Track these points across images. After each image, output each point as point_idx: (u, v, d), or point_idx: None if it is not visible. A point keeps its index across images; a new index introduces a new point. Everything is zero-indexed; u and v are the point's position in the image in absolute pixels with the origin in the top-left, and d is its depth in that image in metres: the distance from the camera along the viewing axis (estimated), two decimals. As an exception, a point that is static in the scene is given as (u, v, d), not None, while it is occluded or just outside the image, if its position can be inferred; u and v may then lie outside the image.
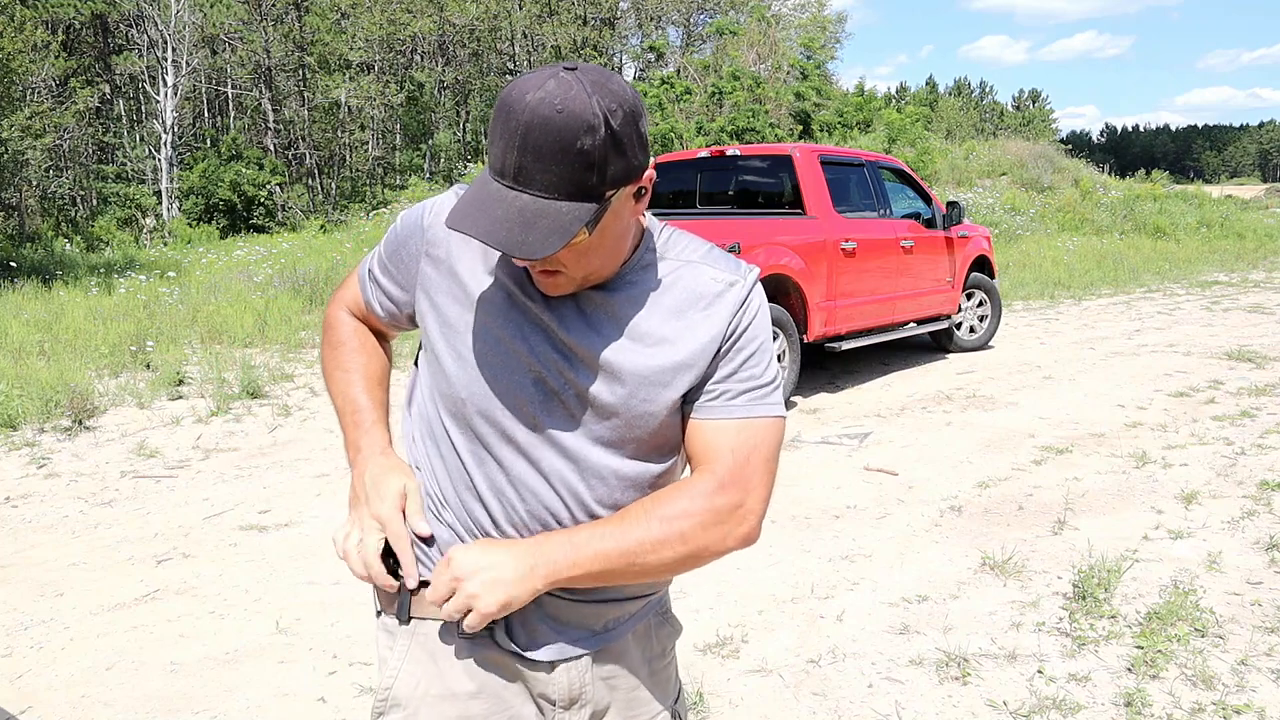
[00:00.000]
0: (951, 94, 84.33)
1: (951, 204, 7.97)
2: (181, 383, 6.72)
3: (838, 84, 32.03)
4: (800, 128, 23.02)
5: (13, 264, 13.10)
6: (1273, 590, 3.30)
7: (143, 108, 32.66)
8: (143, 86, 30.64)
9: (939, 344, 8.53)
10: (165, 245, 20.61)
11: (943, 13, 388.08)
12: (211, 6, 30.59)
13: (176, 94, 28.02)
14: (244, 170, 28.02)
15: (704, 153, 7.47)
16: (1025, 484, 4.59)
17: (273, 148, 32.61)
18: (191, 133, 32.43)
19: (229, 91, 34.32)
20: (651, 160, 1.03)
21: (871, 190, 7.29)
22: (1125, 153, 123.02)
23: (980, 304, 8.55)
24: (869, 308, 7.05)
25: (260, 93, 33.23)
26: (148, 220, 23.85)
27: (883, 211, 7.30)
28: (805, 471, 4.89)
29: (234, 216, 27.58)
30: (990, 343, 8.67)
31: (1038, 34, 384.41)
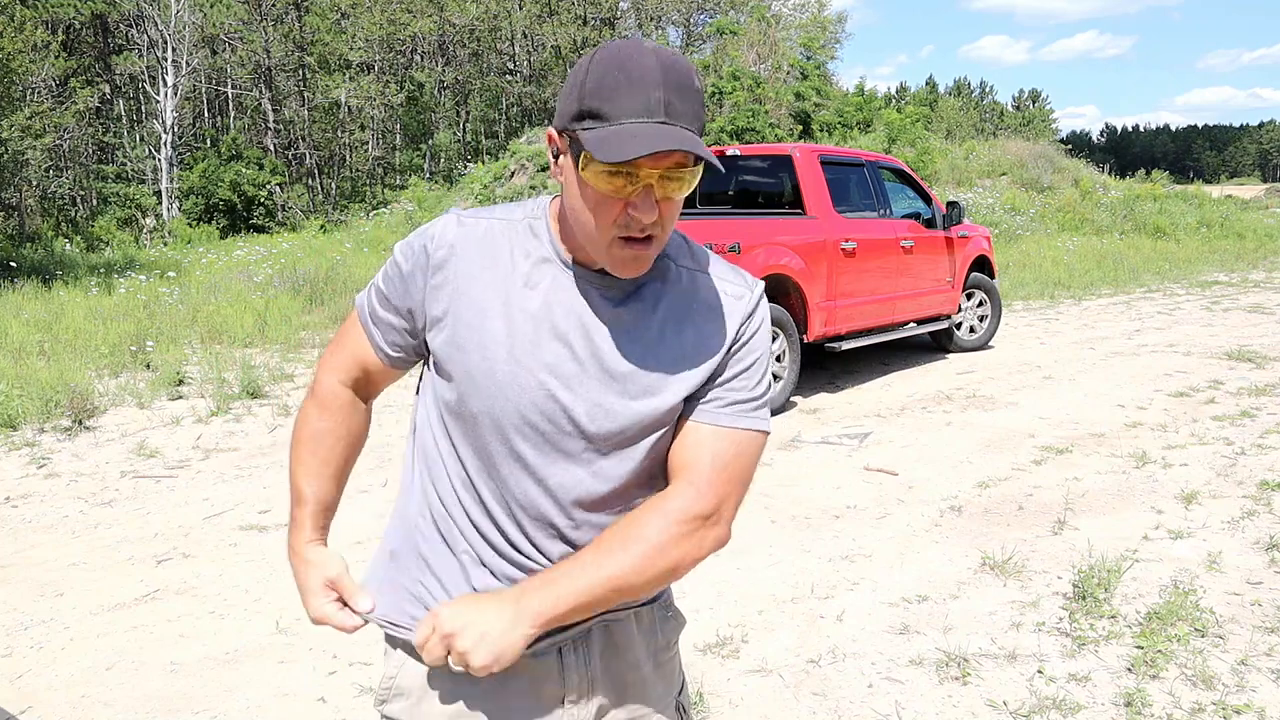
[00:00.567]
0: (951, 94, 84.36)
1: (951, 204, 7.97)
2: (181, 383, 6.72)
3: (838, 84, 32.02)
4: (800, 128, 23.02)
5: (13, 264, 13.11)
6: (1273, 590, 3.30)
7: (143, 108, 32.68)
8: (143, 86, 30.66)
9: (939, 344, 8.53)
10: (165, 245, 20.62)
11: (943, 13, 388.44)
12: (211, 6, 30.61)
13: (176, 94, 28.04)
14: (244, 170, 28.03)
15: None
16: (1025, 484, 4.59)
17: (273, 148, 32.63)
18: (191, 133, 32.45)
19: (229, 91, 34.34)
20: None
21: (871, 190, 7.29)
22: (1125, 153, 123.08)
23: (980, 304, 8.55)
24: (869, 308, 7.05)
25: (260, 93, 33.25)
26: (148, 220, 23.87)
27: (883, 211, 7.30)
28: (805, 471, 4.89)
29: (234, 216, 27.59)
30: (990, 343, 8.67)
31: (1038, 34, 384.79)
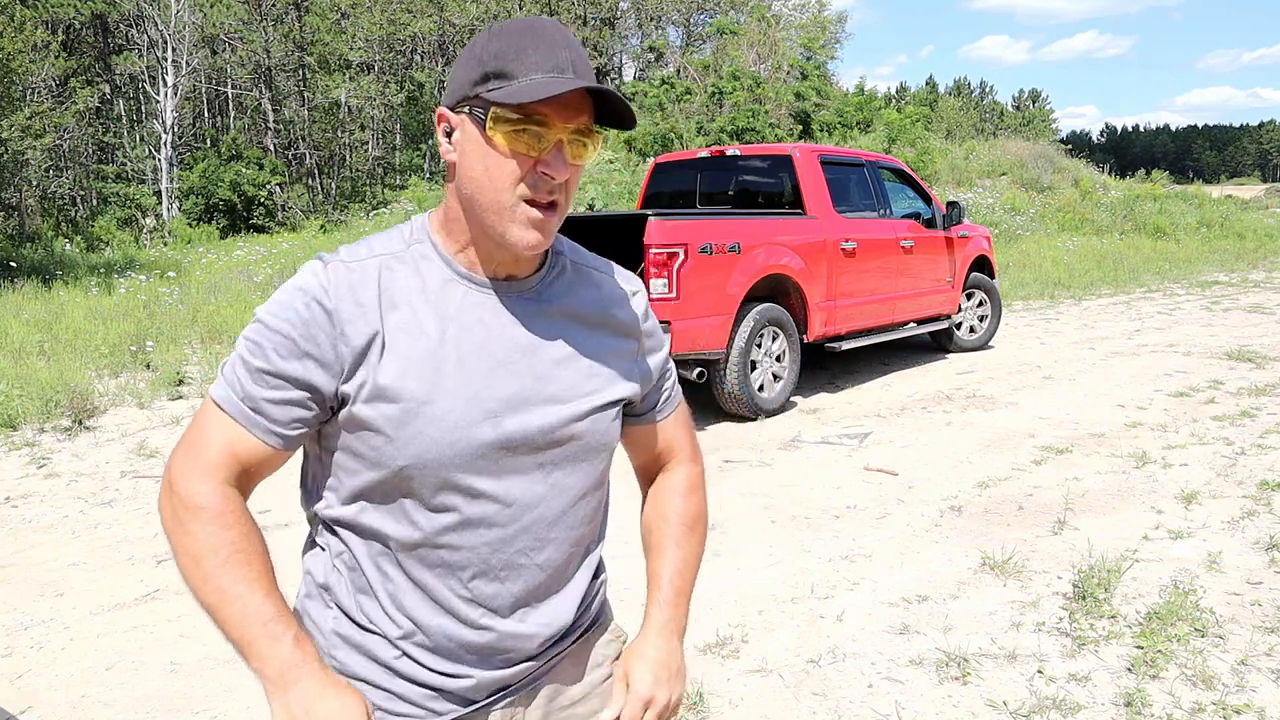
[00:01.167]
0: (951, 94, 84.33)
1: (951, 204, 7.98)
2: (181, 383, 6.72)
3: (838, 84, 32.03)
4: (800, 128, 23.01)
5: (13, 264, 13.11)
6: (1273, 590, 3.30)
7: (143, 108, 32.65)
8: (143, 86, 30.64)
9: (939, 344, 8.54)
10: (165, 245, 20.62)
11: (943, 13, 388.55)
12: (211, 6, 30.59)
13: (176, 94, 28.02)
14: (244, 170, 28.00)
15: (704, 153, 7.47)
16: (1025, 484, 4.59)
17: (273, 148, 32.61)
18: (191, 133, 32.42)
19: (229, 91, 34.33)
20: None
21: (871, 190, 7.29)
22: (1125, 153, 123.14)
23: (980, 304, 8.55)
24: (869, 308, 7.05)
25: (260, 93, 33.23)
26: (148, 220, 23.84)
27: (883, 211, 7.30)
28: (805, 471, 4.89)
29: (234, 216, 27.56)
30: (990, 343, 8.67)
31: (1038, 34, 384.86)
